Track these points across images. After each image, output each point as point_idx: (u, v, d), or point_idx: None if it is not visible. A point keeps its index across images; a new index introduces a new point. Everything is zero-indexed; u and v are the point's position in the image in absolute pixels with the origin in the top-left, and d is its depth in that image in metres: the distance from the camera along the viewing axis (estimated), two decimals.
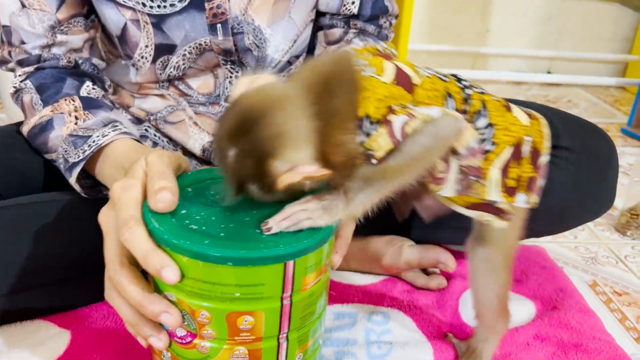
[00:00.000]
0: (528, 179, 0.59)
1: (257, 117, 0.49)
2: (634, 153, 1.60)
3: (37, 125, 0.74)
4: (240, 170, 0.50)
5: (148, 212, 0.50)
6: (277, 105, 0.50)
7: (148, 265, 0.48)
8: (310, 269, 0.50)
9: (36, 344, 0.71)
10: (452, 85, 0.57)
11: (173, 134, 0.86)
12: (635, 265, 1.03)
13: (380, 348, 0.72)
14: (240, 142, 0.49)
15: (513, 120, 0.59)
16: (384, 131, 0.50)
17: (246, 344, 0.50)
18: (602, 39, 2.39)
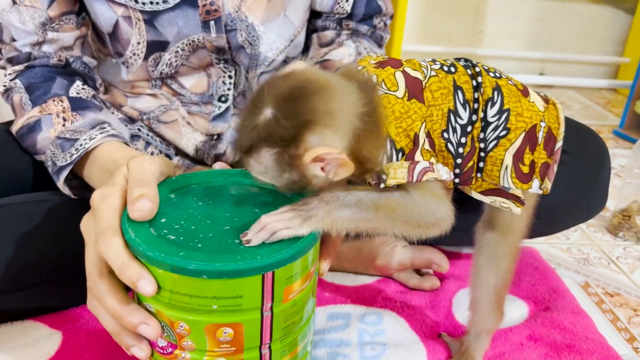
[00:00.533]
0: (541, 165, 0.59)
1: (315, 89, 0.49)
2: (626, 155, 1.61)
3: (25, 126, 0.73)
4: (269, 129, 0.49)
5: (126, 222, 0.49)
6: (337, 89, 0.51)
7: (124, 276, 0.47)
8: (291, 279, 0.49)
9: (27, 345, 0.70)
10: (461, 75, 0.58)
11: (166, 134, 0.86)
12: (627, 267, 1.04)
13: (374, 349, 0.72)
14: (287, 103, 0.49)
15: (528, 106, 0.59)
16: (406, 165, 0.53)
17: (227, 355, 0.50)
18: (595, 41, 2.40)
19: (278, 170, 0.50)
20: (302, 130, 0.48)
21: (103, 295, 0.50)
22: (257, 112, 0.49)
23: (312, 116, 0.48)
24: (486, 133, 0.58)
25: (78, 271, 0.73)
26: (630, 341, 0.83)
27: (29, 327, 0.74)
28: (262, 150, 0.49)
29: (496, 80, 0.59)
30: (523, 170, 0.58)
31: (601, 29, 2.38)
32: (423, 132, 0.54)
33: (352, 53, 0.89)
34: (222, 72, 0.83)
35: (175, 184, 0.57)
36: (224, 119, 0.86)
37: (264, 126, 0.49)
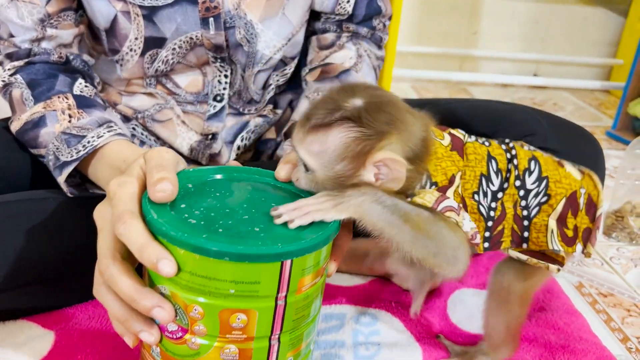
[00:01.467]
0: (584, 230, 0.62)
1: (401, 104, 0.54)
2: (619, 156, 1.62)
3: (30, 122, 0.73)
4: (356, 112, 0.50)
5: (147, 204, 0.49)
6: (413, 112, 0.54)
7: (144, 257, 0.46)
8: (307, 270, 0.49)
9: (20, 345, 0.70)
10: (495, 148, 0.60)
11: (160, 133, 0.85)
12: (620, 267, 1.04)
13: (368, 349, 0.72)
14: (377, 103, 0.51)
15: (565, 174, 0.62)
16: (437, 195, 0.54)
17: (237, 342, 0.50)
18: (588, 42, 2.41)
19: (337, 156, 0.51)
20: (387, 130, 0.50)
21: (116, 278, 0.49)
22: (343, 99, 0.51)
23: (397, 124, 0.51)
24: (528, 200, 0.60)
25: (72, 271, 0.73)
26: (623, 341, 0.83)
27: (21, 326, 0.73)
28: (336, 128, 0.50)
29: (532, 152, 0.62)
30: (568, 234, 0.61)
31: (594, 31, 2.39)
32: (459, 179, 0.57)
33: (352, 56, 0.89)
34: (218, 72, 0.83)
35: (193, 175, 0.57)
36: (219, 118, 0.86)
37: (353, 109, 0.51)
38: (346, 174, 0.51)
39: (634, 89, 1.80)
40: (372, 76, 0.91)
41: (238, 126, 0.89)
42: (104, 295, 0.51)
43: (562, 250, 0.61)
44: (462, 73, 2.37)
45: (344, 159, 0.51)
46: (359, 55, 0.89)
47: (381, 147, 0.50)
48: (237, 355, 0.50)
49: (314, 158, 0.52)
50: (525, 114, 0.92)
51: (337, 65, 0.88)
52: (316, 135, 0.51)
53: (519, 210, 0.59)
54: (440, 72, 2.26)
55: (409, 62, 2.29)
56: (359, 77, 0.87)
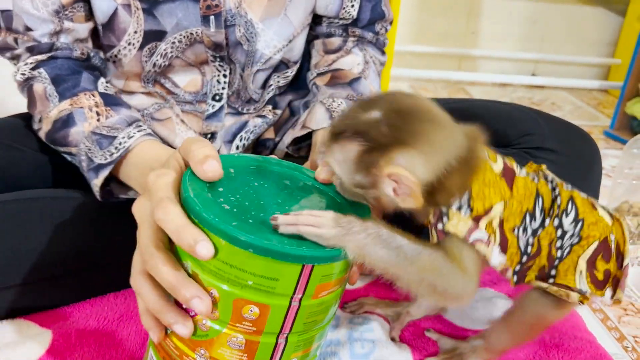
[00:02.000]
0: (614, 277, 0.61)
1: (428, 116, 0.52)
2: (617, 155, 1.62)
3: (59, 120, 0.72)
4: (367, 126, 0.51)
5: (186, 182, 0.50)
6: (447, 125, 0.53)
7: (182, 239, 0.46)
8: (326, 278, 0.50)
9: (17, 343, 0.70)
10: (543, 186, 0.60)
11: (160, 131, 0.85)
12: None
13: (363, 347, 0.72)
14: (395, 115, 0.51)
15: (599, 218, 0.61)
16: (470, 224, 0.53)
17: (246, 333, 0.50)
18: (586, 42, 2.41)
19: (354, 167, 0.52)
20: (396, 144, 0.50)
21: (159, 267, 0.49)
22: (363, 110, 0.52)
23: (412, 138, 0.50)
24: (563, 241, 0.60)
25: (70, 270, 0.73)
26: (620, 340, 0.83)
27: (19, 325, 0.73)
28: (349, 140, 0.51)
29: (570, 192, 0.61)
30: (598, 277, 0.60)
31: (593, 31, 2.39)
32: (499, 209, 0.55)
33: (360, 62, 0.89)
34: (217, 71, 0.83)
35: (236, 160, 0.57)
36: (217, 117, 0.86)
37: (365, 122, 0.51)
38: (366, 185, 0.52)
39: (631, 88, 1.80)
40: (377, 83, 0.92)
41: (237, 126, 0.89)
42: (142, 284, 0.51)
43: (590, 292, 0.60)
44: (460, 73, 2.37)
45: (358, 170, 0.51)
46: (366, 62, 0.90)
47: (389, 161, 0.50)
48: (243, 346, 0.50)
49: (337, 165, 0.53)
50: (523, 114, 0.92)
51: (347, 71, 0.88)
52: (337, 144, 0.52)
53: (553, 249, 0.59)
54: (438, 71, 2.26)
55: (407, 62, 2.29)
56: (369, 86, 0.87)
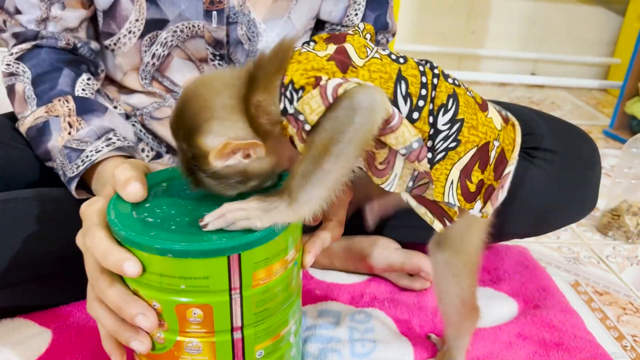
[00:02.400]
0: (488, 187, 0.56)
1: (187, 98, 0.52)
2: (616, 155, 1.62)
3: (34, 127, 0.73)
4: (183, 156, 0.52)
5: (110, 205, 0.52)
6: (205, 86, 0.52)
7: (108, 262, 0.48)
8: (260, 264, 0.50)
9: (17, 343, 0.70)
10: (409, 68, 0.54)
11: (158, 130, 0.85)
12: (616, 266, 1.04)
13: (364, 346, 0.72)
14: (177, 126, 0.52)
15: (484, 121, 0.55)
16: (316, 93, 0.48)
17: (199, 336, 0.51)
18: (586, 42, 2.41)
19: (221, 183, 0.52)
20: (194, 139, 0.50)
21: (104, 289, 0.50)
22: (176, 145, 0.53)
23: (193, 121, 0.51)
24: (435, 142, 0.53)
25: (68, 269, 0.73)
26: (619, 339, 0.83)
27: (19, 324, 0.74)
28: (197, 176, 0.52)
29: (454, 87, 0.55)
30: (470, 188, 0.55)
31: (592, 30, 2.39)
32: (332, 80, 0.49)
33: None
34: None
35: (169, 174, 0.59)
36: None
37: (180, 156, 0.52)
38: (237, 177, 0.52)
39: (631, 88, 1.80)
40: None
41: None
42: (96, 309, 0.53)
43: (458, 204, 0.54)
44: (460, 72, 2.37)
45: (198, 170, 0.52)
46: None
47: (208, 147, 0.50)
48: (201, 349, 0.51)
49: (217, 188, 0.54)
50: (522, 114, 0.92)
51: None
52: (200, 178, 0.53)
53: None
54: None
55: None
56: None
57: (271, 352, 0.55)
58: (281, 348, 0.56)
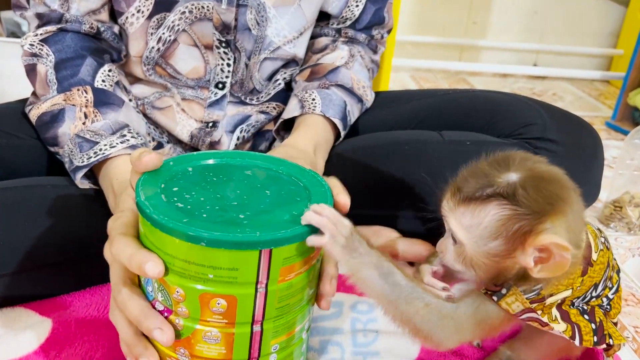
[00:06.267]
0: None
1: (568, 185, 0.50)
2: (618, 146, 1.61)
3: (49, 113, 0.73)
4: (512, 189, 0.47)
5: (139, 186, 0.51)
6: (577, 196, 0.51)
7: (132, 266, 0.49)
8: (289, 260, 0.50)
9: (17, 332, 0.70)
10: (611, 253, 0.59)
11: (160, 120, 0.85)
12: (618, 257, 1.04)
13: (366, 336, 0.72)
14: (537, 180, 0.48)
15: (621, 294, 0.62)
16: (526, 307, 0.51)
17: (219, 326, 0.50)
18: (588, 33, 2.40)
19: (490, 233, 0.48)
20: (548, 210, 0.47)
21: (125, 301, 0.51)
22: (496, 172, 0.48)
23: (560, 203, 0.47)
24: (604, 307, 0.60)
25: (69, 258, 0.73)
26: (620, 330, 0.83)
27: (19, 313, 0.73)
28: (489, 205, 0.48)
29: (616, 262, 0.61)
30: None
31: (595, 21, 2.38)
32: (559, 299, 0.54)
33: (344, 55, 0.89)
34: (221, 59, 0.82)
35: (195, 159, 0.58)
36: (220, 106, 0.86)
37: (506, 185, 0.47)
38: (500, 254, 0.48)
39: (634, 79, 1.79)
40: (364, 74, 0.91)
41: (239, 117, 0.88)
42: (117, 318, 0.54)
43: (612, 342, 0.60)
44: (461, 63, 2.36)
45: (497, 237, 0.48)
46: (351, 55, 0.89)
47: (543, 229, 0.46)
48: (219, 339, 0.51)
49: (464, 231, 0.49)
50: (524, 105, 0.92)
51: (326, 64, 0.88)
52: (468, 208, 0.49)
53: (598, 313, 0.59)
54: (439, 61, 2.25)
55: (408, 52, 2.28)
56: (350, 74, 0.87)
57: (285, 347, 0.55)
58: (293, 344, 0.57)
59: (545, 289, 0.52)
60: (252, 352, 0.53)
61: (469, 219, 0.49)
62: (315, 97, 0.83)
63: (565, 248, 0.46)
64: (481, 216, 0.48)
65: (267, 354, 0.54)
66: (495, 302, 0.52)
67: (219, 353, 0.52)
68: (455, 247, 0.52)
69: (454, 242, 0.52)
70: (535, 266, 0.48)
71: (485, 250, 0.49)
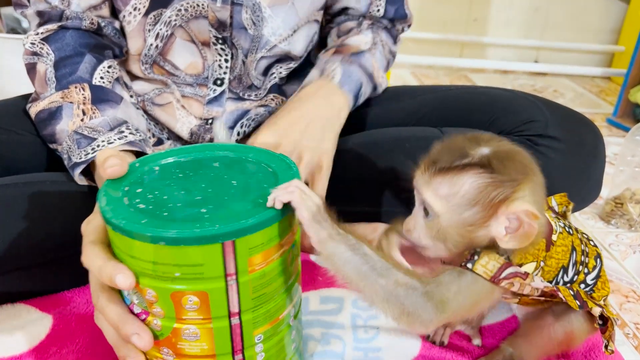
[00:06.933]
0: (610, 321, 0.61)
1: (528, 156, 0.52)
2: (619, 143, 1.61)
3: (46, 110, 0.73)
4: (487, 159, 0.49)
5: (102, 191, 0.51)
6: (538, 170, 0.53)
7: (103, 277, 0.49)
8: (256, 249, 0.49)
9: (17, 328, 0.70)
10: (575, 239, 0.60)
11: (160, 117, 0.85)
12: (619, 254, 1.04)
13: (367, 332, 0.72)
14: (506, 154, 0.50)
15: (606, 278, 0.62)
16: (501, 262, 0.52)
17: (196, 323, 0.50)
18: (589, 29, 2.39)
19: (468, 201, 0.49)
20: (522, 179, 0.49)
21: (103, 307, 0.52)
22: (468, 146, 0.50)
23: (530, 174, 0.50)
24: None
25: (69, 255, 0.73)
26: (621, 327, 0.83)
27: (19, 310, 0.73)
28: (466, 174, 0.49)
29: (596, 249, 0.62)
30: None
31: (596, 17, 2.37)
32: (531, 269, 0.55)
33: (368, 41, 0.90)
34: (219, 56, 0.82)
35: (162, 157, 0.58)
36: (219, 102, 0.85)
37: (481, 157, 0.49)
38: (475, 222, 0.50)
39: (635, 76, 1.79)
40: (383, 64, 0.92)
41: (239, 112, 0.88)
42: (101, 322, 0.55)
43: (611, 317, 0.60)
44: (462, 59, 2.36)
45: (475, 204, 0.49)
46: (374, 43, 0.90)
47: (516, 197, 0.49)
48: (198, 335, 0.51)
49: (441, 201, 0.50)
50: (526, 101, 0.91)
51: (352, 46, 0.89)
52: (444, 178, 0.50)
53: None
54: (440, 58, 2.25)
55: (409, 48, 2.27)
56: (372, 61, 0.88)
57: (270, 335, 0.55)
58: (281, 331, 0.56)
59: (512, 258, 0.53)
60: (235, 345, 0.52)
61: (446, 189, 0.50)
62: (336, 67, 0.85)
63: (535, 216, 0.48)
64: (459, 185, 0.49)
65: (251, 345, 0.53)
66: (470, 269, 0.52)
67: (201, 349, 0.52)
68: (426, 221, 0.52)
69: (425, 215, 0.52)
70: (505, 235, 0.50)
71: (461, 220, 0.50)
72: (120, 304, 0.52)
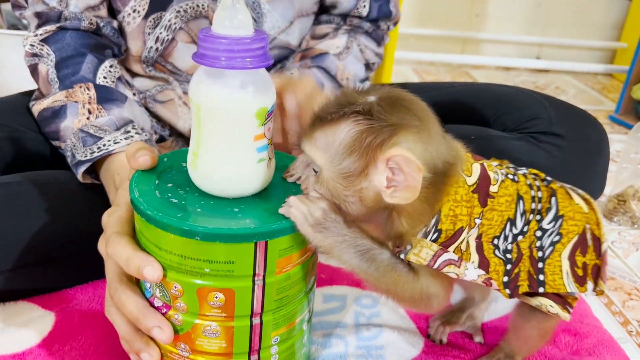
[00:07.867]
0: (593, 266, 0.58)
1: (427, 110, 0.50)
2: (622, 140, 1.61)
3: (50, 109, 0.73)
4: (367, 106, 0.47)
5: (133, 183, 0.51)
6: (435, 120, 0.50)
7: (130, 269, 0.49)
8: (285, 251, 0.50)
9: (20, 326, 0.70)
10: (522, 185, 0.57)
11: (162, 114, 0.84)
12: (622, 251, 1.04)
13: (370, 330, 0.72)
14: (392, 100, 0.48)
15: (577, 209, 0.58)
16: (435, 249, 0.51)
17: (218, 320, 0.50)
18: (592, 26, 2.39)
19: (345, 149, 0.47)
20: (402, 124, 0.46)
21: (123, 300, 0.51)
22: (356, 96, 0.48)
23: (415, 120, 0.47)
24: (542, 241, 0.57)
25: (72, 252, 0.73)
26: (624, 324, 0.83)
27: (22, 308, 0.73)
28: (345, 121, 0.47)
29: (550, 188, 0.58)
30: (578, 273, 0.58)
31: (598, 14, 2.37)
32: (466, 233, 0.53)
33: (340, 45, 0.88)
34: None
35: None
36: None
37: (364, 103, 0.47)
38: (354, 172, 0.47)
39: (637, 72, 1.78)
40: (357, 67, 0.89)
41: None
42: (114, 315, 0.54)
43: (577, 291, 0.58)
44: (464, 56, 2.35)
45: (351, 153, 0.47)
46: (347, 47, 0.89)
47: (394, 142, 0.46)
48: (219, 333, 0.51)
49: (320, 152, 0.49)
50: (529, 98, 0.91)
51: (317, 49, 0.87)
52: (323, 130, 0.48)
53: (534, 251, 0.56)
54: (442, 54, 2.24)
55: (410, 45, 2.27)
56: (337, 63, 0.86)
57: (285, 338, 0.55)
58: (294, 336, 0.56)
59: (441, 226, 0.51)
60: (253, 345, 0.52)
61: (324, 140, 0.48)
62: (292, 73, 0.83)
63: (414, 163, 0.45)
64: (337, 134, 0.47)
65: (267, 346, 0.54)
66: (402, 260, 0.52)
67: (219, 347, 0.52)
68: (315, 177, 0.51)
69: (314, 173, 0.51)
70: (388, 188, 0.47)
71: (339, 170, 0.48)
72: (141, 296, 0.52)
